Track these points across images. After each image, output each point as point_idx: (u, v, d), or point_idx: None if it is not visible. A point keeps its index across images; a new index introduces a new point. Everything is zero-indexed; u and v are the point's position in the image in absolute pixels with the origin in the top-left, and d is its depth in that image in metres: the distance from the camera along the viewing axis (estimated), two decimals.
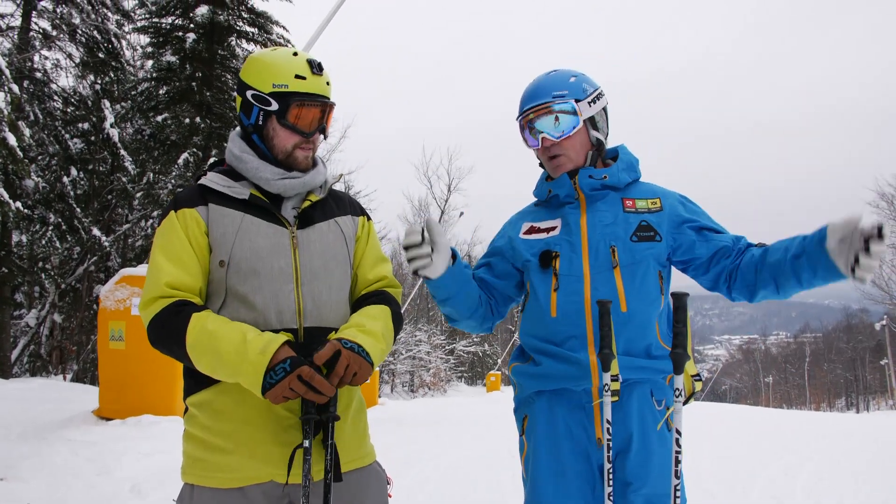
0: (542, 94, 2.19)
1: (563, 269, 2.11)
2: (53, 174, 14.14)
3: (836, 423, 13.28)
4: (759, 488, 6.09)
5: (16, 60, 12.42)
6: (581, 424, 2.07)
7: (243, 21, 14.34)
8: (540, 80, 2.25)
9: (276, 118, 1.87)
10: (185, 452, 1.84)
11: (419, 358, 34.34)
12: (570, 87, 2.18)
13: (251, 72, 1.90)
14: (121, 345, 7.78)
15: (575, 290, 2.08)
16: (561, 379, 2.08)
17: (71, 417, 7.38)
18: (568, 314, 2.08)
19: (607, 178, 2.17)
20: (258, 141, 1.92)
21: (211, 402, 1.79)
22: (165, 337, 1.74)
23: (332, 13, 9.84)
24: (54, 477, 5.36)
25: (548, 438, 2.09)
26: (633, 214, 2.15)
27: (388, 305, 1.96)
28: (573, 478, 2.04)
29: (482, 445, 8.38)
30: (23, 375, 14.02)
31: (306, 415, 1.69)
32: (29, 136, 12.30)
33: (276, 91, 1.85)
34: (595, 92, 2.21)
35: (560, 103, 2.15)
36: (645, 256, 2.08)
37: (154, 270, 1.79)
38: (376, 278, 2.03)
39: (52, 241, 14.83)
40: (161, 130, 13.74)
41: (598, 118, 2.22)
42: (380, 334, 1.83)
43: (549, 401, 2.13)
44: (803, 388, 71.72)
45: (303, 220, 1.92)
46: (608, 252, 2.08)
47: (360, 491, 1.89)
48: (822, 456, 8.05)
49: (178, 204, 1.86)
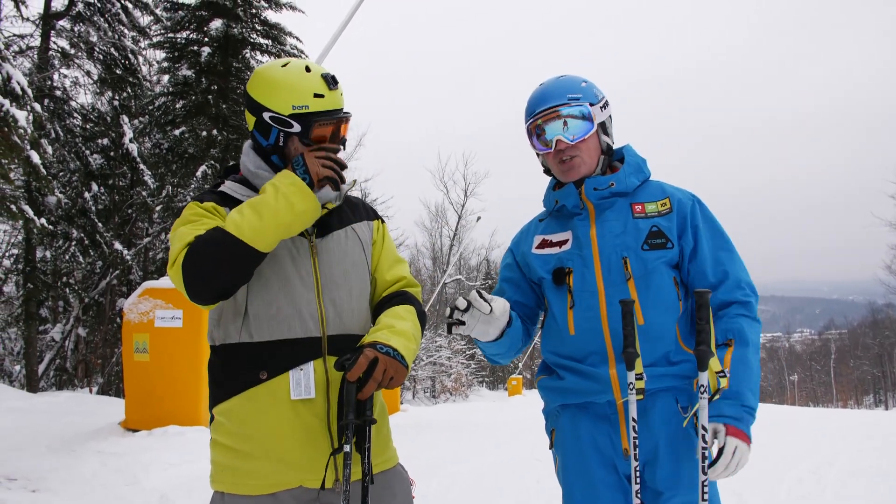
0: (555, 96, 2.14)
1: (576, 285, 2.09)
2: (75, 190, 14.34)
3: (865, 420, 13.08)
4: (787, 488, 6.01)
5: (36, 79, 12.63)
6: (607, 435, 2.05)
7: (257, 33, 14.48)
8: (550, 84, 2.20)
9: (297, 139, 1.87)
10: (214, 460, 1.85)
11: (440, 363, 34.29)
12: (583, 91, 2.15)
13: (265, 91, 1.86)
14: (145, 357, 7.86)
15: (590, 306, 2.07)
16: (583, 393, 2.08)
17: (98, 429, 7.47)
18: (585, 331, 2.07)
19: (614, 186, 2.13)
20: (278, 161, 1.91)
21: (237, 411, 1.81)
22: (203, 249, 1.69)
23: (344, 24, 9.89)
24: (84, 488, 5.43)
25: (575, 452, 2.09)
26: (642, 220, 2.10)
27: (412, 305, 1.97)
28: (603, 489, 2.04)
29: (506, 451, 8.35)
30: (49, 389, 14.19)
31: (345, 419, 1.69)
32: (51, 154, 12.52)
33: (296, 113, 1.84)
34: (604, 98, 2.21)
35: (576, 106, 2.12)
36: (657, 265, 2.05)
37: (178, 237, 1.76)
38: (395, 279, 2.04)
39: (75, 256, 15.02)
40: (179, 144, 13.90)
41: (608, 123, 2.20)
42: (410, 334, 1.84)
43: (573, 414, 2.13)
44: (829, 385, 70.74)
45: (321, 229, 1.93)
46: (620, 264, 2.05)
47: (387, 493, 1.90)
48: (851, 454, 7.93)
49: (202, 199, 1.88)
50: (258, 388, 1.79)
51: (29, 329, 13.24)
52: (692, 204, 2.14)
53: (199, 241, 1.70)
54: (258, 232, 1.69)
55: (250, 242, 1.69)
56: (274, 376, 1.78)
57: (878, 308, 75.32)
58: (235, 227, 1.69)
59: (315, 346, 1.81)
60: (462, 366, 35.74)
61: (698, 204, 2.16)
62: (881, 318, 72.72)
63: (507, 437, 9.96)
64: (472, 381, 37.58)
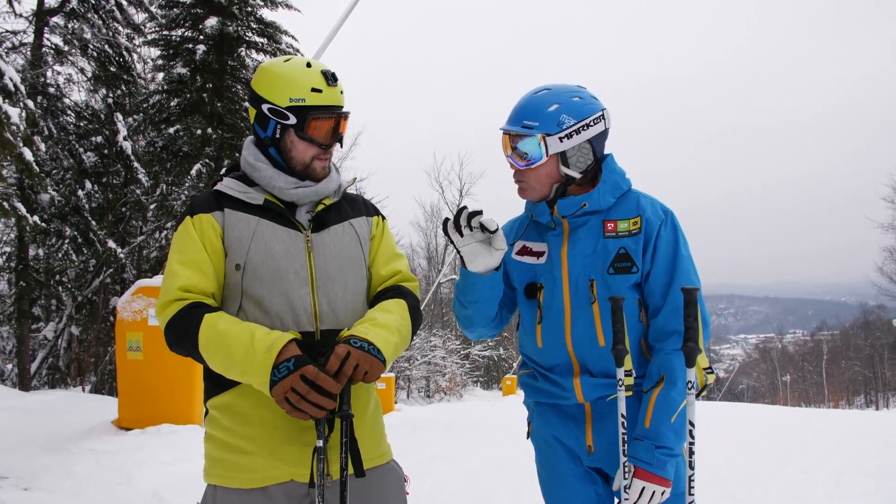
0: (515, 118, 2.11)
1: (545, 301, 2.15)
2: (68, 188, 14.29)
3: (856, 420, 13.15)
4: (779, 488, 6.04)
5: (29, 76, 12.58)
6: (573, 434, 2.16)
7: (252, 31, 14.44)
8: (522, 101, 2.14)
9: (293, 131, 1.89)
10: (207, 454, 1.87)
11: (435, 363, 34.30)
12: (543, 118, 2.06)
13: (265, 84, 1.90)
14: (138, 355, 7.85)
15: (556, 324, 2.13)
16: (552, 396, 2.18)
17: (91, 428, 7.45)
18: (552, 345, 2.14)
19: (587, 206, 2.11)
20: (275, 153, 1.94)
21: (231, 405, 1.83)
22: (181, 338, 1.77)
23: (340, 23, 9.91)
24: (77, 487, 5.42)
25: (545, 445, 2.23)
26: (612, 240, 2.10)
27: (403, 298, 1.97)
28: (571, 479, 2.17)
29: (499, 449, 8.37)
30: (42, 388, 14.15)
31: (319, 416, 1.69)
32: (44, 151, 12.48)
33: (293, 105, 1.86)
34: (575, 125, 2.06)
35: (527, 137, 2.07)
36: (621, 290, 2.07)
37: (169, 276, 1.83)
38: (390, 274, 2.04)
39: (69, 254, 14.97)
40: (173, 142, 13.86)
41: (571, 153, 2.08)
42: (394, 327, 1.83)
43: (544, 411, 2.25)
44: (821, 386, 70.99)
45: (317, 224, 1.94)
46: (587, 286, 2.09)
47: (380, 488, 1.92)
48: (843, 454, 7.98)
49: (194, 209, 1.89)
50: None
51: (21, 327, 13.19)
52: (660, 225, 2.10)
53: (176, 322, 1.77)
54: (210, 359, 1.75)
55: (206, 360, 1.77)
56: None
57: (869, 309, 75.70)
58: (204, 341, 1.73)
59: (308, 341, 1.81)
60: (456, 365, 35.76)
61: (666, 225, 2.10)
62: (873, 319, 73.07)
63: (501, 435, 9.97)
64: (466, 381, 37.59)
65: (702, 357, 1.92)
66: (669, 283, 2.07)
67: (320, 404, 1.63)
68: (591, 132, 2.09)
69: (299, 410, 1.63)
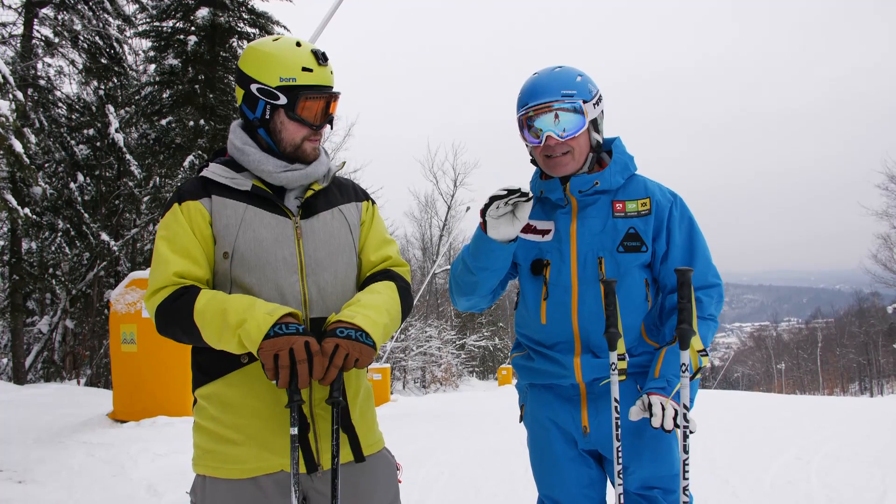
0: (549, 91, 2.11)
1: (552, 278, 2.16)
2: (60, 181, 14.23)
3: (850, 407, 13.21)
4: (773, 474, 6.06)
5: (19, 68, 12.50)
6: (569, 414, 2.17)
7: (244, 22, 14.34)
8: (545, 75, 2.15)
9: (283, 112, 1.85)
10: (196, 444, 1.85)
11: (430, 354, 34.36)
12: (577, 87, 2.12)
13: (254, 64, 1.86)
14: (133, 347, 7.83)
15: (562, 301, 2.14)
16: (550, 376, 2.18)
17: (86, 421, 7.44)
18: (556, 322, 2.15)
19: (599, 185, 2.15)
20: (264, 134, 1.90)
21: (219, 395, 1.80)
22: (173, 315, 1.72)
23: (331, 12, 9.83)
24: (71, 479, 5.41)
25: (540, 428, 2.24)
26: (621, 220, 2.14)
27: (392, 280, 1.95)
28: (565, 462, 2.18)
29: (494, 438, 8.38)
30: (37, 381, 14.13)
31: (291, 402, 1.65)
32: (35, 143, 12.41)
33: (283, 85, 1.83)
34: (598, 93, 2.18)
35: (569, 102, 2.09)
36: (630, 268, 2.11)
37: (160, 262, 1.78)
38: (380, 259, 2.02)
39: (62, 248, 14.92)
40: (166, 134, 13.79)
41: (599, 120, 2.19)
42: (382, 308, 1.81)
43: (539, 393, 2.25)
44: (816, 373, 71.32)
45: (306, 210, 1.91)
46: (595, 263, 2.12)
47: (371, 476, 1.90)
48: (837, 440, 8.01)
49: (182, 196, 1.85)
50: (239, 371, 1.78)
51: (15, 321, 13.16)
52: (670, 206, 2.16)
53: (169, 301, 1.73)
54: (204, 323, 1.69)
55: (199, 325, 1.70)
56: (255, 360, 1.77)
57: (864, 297, 75.93)
58: (200, 306, 1.69)
59: None
60: (452, 356, 35.82)
61: (676, 207, 2.18)
62: (867, 306, 73.30)
63: (496, 425, 9.99)
64: (462, 372, 37.68)
65: (696, 339, 1.91)
66: (692, 253, 2.14)
67: (303, 378, 1.60)
68: (603, 104, 2.21)
69: (280, 370, 1.58)
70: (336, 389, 1.70)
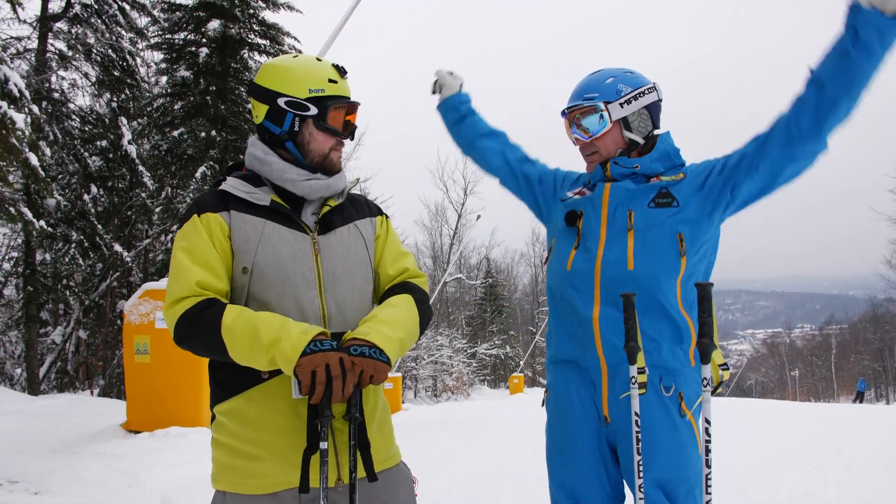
0: (576, 96, 2.30)
1: (584, 227, 2.23)
2: (74, 192, 14.34)
3: (866, 414, 13.08)
4: (790, 483, 6.01)
5: (34, 82, 12.63)
6: (592, 401, 2.17)
7: (255, 34, 14.48)
8: (582, 80, 2.34)
9: (312, 122, 1.89)
10: (215, 459, 1.84)
11: (441, 362, 34.30)
12: (602, 90, 2.25)
13: (281, 79, 1.90)
14: (146, 358, 7.86)
15: (589, 249, 2.19)
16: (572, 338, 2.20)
17: (100, 431, 7.46)
18: (580, 271, 2.18)
19: (638, 168, 2.22)
20: (292, 147, 1.92)
21: (239, 411, 1.80)
22: (196, 328, 1.71)
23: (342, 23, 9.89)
24: (86, 490, 5.42)
25: (563, 415, 2.22)
26: (655, 184, 2.21)
27: (409, 293, 1.96)
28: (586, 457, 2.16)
29: (507, 448, 8.35)
30: (50, 392, 14.20)
31: (322, 416, 1.66)
32: (49, 156, 12.53)
33: (313, 96, 1.88)
34: (632, 92, 2.24)
35: (589, 105, 2.24)
36: (661, 221, 2.14)
37: (180, 271, 1.77)
38: (398, 272, 2.04)
39: (75, 259, 15.02)
40: (178, 145, 13.90)
41: (632, 118, 2.25)
42: (398, 322, 1.82)
43: (563, 372, 2.24)
44: (830, 380, 70.73)
45: (323, 226, 1.92)
46: (625, 216, 2.17)
47: (389, 491, 1.89)
48: (853, 449, 7.93)
49: (201, 208, 1.85)
50: (259, 387, 1.78)
51: (29, 332, 13.25)
52: (701, 166, 2.23)
53: (193, 313, 1.72)
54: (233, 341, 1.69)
55: (227, 342, 1.69)
56: (275, 376, 1.77)
57: (878, 303, 75.26)
58: (229, 322, 1.69)
59: None
60: (463, 364, 35.76)
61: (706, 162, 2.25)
62: (881, 312, 72.67)
63: (509, 434, 9.96)
64: (473, 380, 37.59)
65: (717, 353, 1.90)
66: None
67: (337, 393, 1.63)
68: (647, 99, 2.27)
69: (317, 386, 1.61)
70: (353, 405, 1.71)
